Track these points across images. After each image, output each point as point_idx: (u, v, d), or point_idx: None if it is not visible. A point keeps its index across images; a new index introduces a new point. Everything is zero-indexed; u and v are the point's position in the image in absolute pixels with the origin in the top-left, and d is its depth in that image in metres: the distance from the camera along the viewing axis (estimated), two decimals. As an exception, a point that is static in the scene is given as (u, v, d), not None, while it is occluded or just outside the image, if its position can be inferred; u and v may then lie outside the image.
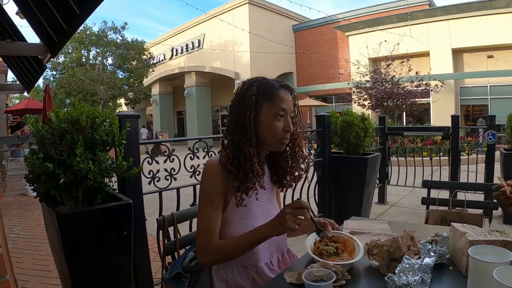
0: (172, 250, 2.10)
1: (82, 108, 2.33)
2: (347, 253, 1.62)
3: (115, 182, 2.73)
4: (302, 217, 1.51)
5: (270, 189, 1.90)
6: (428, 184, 3.04)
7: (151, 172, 3.15)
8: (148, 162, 3.11)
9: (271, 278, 1.66)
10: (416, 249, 1.57)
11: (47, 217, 2.45)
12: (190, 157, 3.41)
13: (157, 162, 3.17)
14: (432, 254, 1.48)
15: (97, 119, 2.35)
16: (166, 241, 2.11)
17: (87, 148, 2.27)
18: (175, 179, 3.31)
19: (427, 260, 1.39)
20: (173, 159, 3.31)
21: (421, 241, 1.56)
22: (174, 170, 3.29)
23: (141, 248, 2.93)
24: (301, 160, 1.87)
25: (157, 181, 3.21)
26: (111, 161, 2.44)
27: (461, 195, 2.88)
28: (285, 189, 1.99)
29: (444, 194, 2.94)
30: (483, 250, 1.28)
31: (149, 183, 3.17)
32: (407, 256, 1.38)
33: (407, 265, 1.32)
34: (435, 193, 2.97)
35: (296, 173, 1.88)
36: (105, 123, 2.37)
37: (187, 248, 2.02)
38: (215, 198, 1.67)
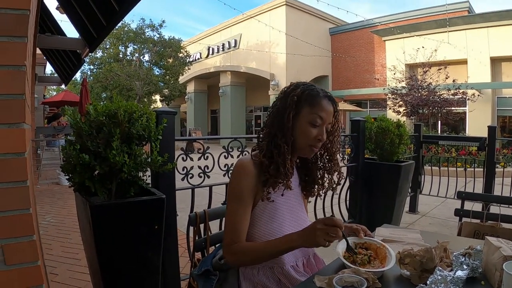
0: (202, 247, 2.11)
1: (120, 102, 2.37)
2: (378, 261, 1.61)
3: (148, 176, 2.77)
4: (334, 235, 1.49)
5: (298, 192, 1.90)
6: (462, 196, 2.96)
7: (185, 169, 3.18)
8: (183, 158, 3.16)
9: (298, 281, 1.66)
10: (449, 261, 1.55)
11: (80, 206, 2.50)
12: (224, 156, 3.42)
13: (191, 159, 3.20)
14: (465, 267, 1.45)
15: (134, 114, 2.37)
16: (196, 238, 2.12)
17: (123, 142, 2.30)
18: (208, 176, 3.32)
19: (459, 273, 1.36)
20: (207, 156, 3.32)
21: (454, 253, 1.53)
22: (207, 168, 3.31)
23: (170, 243, 2.96)
24: (334, 173, 1.88)
25: (191, 177, 3.23)
26: (146, 156, 2.47)
27: (493, 209, 2.83)
28: (309, 197, 1.99)
29: (476, 206, 2.87)
30: (519, 266, 1.25)
31: (182, 179, 3.19)
32: (439, 268, 1.36)
33: (439, 277, 1.31)
34: (468, 205, 2.91)
35: (326, 185, 1.89)
36: (142, 118, 2.40)
37: (217, 245, 2.03)
38: (245, 198, 1.68)
